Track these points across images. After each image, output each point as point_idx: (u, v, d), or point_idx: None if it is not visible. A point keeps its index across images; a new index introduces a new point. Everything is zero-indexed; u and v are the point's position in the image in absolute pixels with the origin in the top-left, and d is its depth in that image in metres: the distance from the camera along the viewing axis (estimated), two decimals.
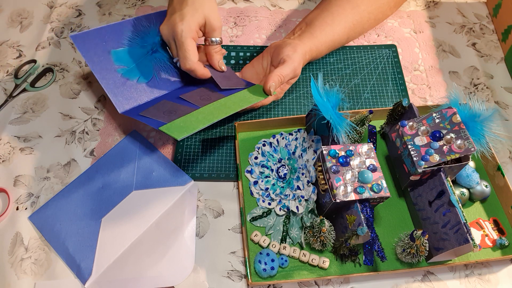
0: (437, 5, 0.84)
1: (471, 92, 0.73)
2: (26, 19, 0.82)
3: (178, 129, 0.53)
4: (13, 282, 0.56)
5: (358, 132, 0.60)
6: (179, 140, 0.51)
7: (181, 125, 0.54)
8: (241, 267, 0.58)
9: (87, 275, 0.56)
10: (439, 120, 0.55)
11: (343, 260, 0.56)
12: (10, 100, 0.72)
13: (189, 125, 0.54)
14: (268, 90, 0.60)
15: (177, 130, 0.53)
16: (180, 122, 0.54)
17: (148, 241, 0.58)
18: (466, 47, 0.78)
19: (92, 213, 0.60)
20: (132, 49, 0.63)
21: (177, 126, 0.54)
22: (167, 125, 0.54)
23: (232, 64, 0.75)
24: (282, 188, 0.60)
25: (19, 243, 0.59)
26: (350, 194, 0.51)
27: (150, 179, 0.63)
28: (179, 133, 0.52)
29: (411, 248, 0.52)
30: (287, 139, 0.65)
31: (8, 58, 0.77)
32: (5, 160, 0.66)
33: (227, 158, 0.65)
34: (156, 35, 0.62)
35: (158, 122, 0.55)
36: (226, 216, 0.61)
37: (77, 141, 0.68)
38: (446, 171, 0.54)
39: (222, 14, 0.82)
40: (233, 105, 0.58)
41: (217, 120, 0.54)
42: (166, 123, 0.54)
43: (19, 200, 0.63)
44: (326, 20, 0.69)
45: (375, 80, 0.73)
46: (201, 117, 0.56)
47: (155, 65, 0.64)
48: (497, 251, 0.57)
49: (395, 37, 0.79)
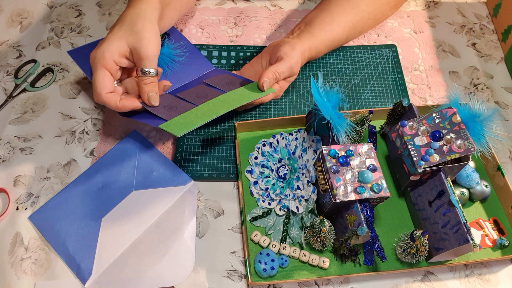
0: (437, 5, 0.84)
1: (471, 92, 0.73)
2: (26, 19, 0.82)
3: (178, 126, 0.53)
4: (13, 282, 0.56)
5: (358, 132, 0.60)
6: (178, 136, 0.52)
7: (180, 122, 0.54)
8: (241, 267, 0.58)
9: (87, 275, 0.56)
10: (439, 120, 0.55)
11: (343, 260, 0.56)
12: (10, 100, 0.72)
13: (188, 121, 0.54)
14: (262, 86, 0.60)
15: (177, 127, 0.53)
16: (179, 119, 0.55)
17: (148, 241, 0.58)
18: (466, 47, 0.78)
19: (92, 213, 0.60)
20: None
21: (176, 123, 0.54)
22: (166, 123, 0.54)
23: (232, 64, 0.75)
24: (282, 188, 0.60)
25: (19, 243, 0.59)
26: (350, 194, 0.51)
27: (150, 179, 0.63)
28: (179, 130, 0.52)
29: (411, 248, 0.52)
30: (287, 139, 0.65)
31: (8, 58, 0.77)
32: (5, 160, 0.66)
33: (227, 158, 0.65)
34: None
35: (157, 121, 0.55)
36: (226, 216, 0.61)
37: (77, 141, 0.68)
38: (446, 171, 0.54)
39: (222, 14, 0.82)
40: (232, 101, 0.58)
41: (217, 116, 0.55)
42: (165, 121, 0.54)
43: (19, 200, 0.63)
44: (326, 20, 0.69)
45: (375, 80, 0.73)
46: (200, 113, 0.56)
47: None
48: (497, 251, 0.57)
49: (395, 37, 0.79)
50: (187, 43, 0.71)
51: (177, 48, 0.68)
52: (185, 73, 0.68)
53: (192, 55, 0.70)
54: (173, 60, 0.67)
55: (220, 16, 0.82)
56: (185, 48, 0.70)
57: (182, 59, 0.68)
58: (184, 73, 0.67)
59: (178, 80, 0.67)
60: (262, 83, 0.60)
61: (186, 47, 0.70)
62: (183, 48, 0.69)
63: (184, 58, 0.68)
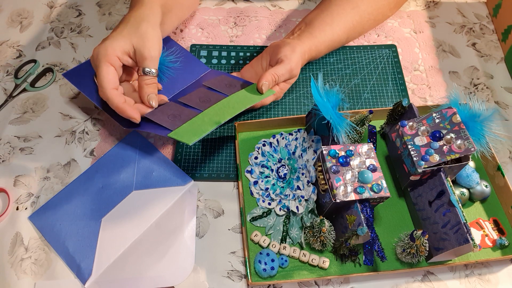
0: (437, 5, 0.84)
1: (471, 92, 0.73)
2: (26, 19, 0.82)
3: (187, 134, 0.53)
4: (13, 282, 0.56)
5: (358, 132, 0.60)
6: (190, 145, 0.52)
7: (189, 129, 0.54)
8: (241, 267, 0.58)
9: (87, 275, 0.56)
10: (439, 120, 0.55)
11: (343, 260, 0.56)
12: (10, 100, 0.72)
13: (197, 128, 0.54)
14: (260, 88, 0.60)
15: (187, 135, 0.53)
16: (187, 126, 0.55)
17: (148, 241, 0.58)
18: (466, 47, 0.78)
19: (92, 213, 0.60)
20: None
21: (186, 130, 0.54)
22: (175, 131, 0.54)
23: (232, 64, 0.75)
24: (282, 188, 0.60)
25: (19, 243, 0.59)
26: (350, 194, 0.51)
27: (150, 179, 0.63)
28: (189, 137, 0.52)
29: (411, 248, 0.52)
30: (287, 139, 0.65)
31: (8, 58, 0.77)
32: (5, 160, 0.66)
33: (227, 158, 0.65)
34: None
35: (163, 130, 0.55)
36: (226, 216, 0.61)
37: (77, 141, 0.68)
38: (446, 171, 0.54)
39: (222, 14, 0.82)
40: (236, 105, 0.58)
41: (225, 121, 0.55)
42: (172, 130, 0.54)
43: (19, 200, 0.63)
44: (326, 20, 0.69)
45: (375, 80, 0.73)
46: (207, 119, 0.56)
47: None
48: (497, 251, 0.57)
49: (395, 37, 0.79)
50: (179, 48, 0.71)
51: (170, 54, 0.67)
52: (182, 78, 0.68)
53: (186, 59, 0.70)
54: (168, 67, 0.66)
55: (220, 16, 0.82)
56: (179, 53, 0.69)
57: (177, 64, 0.67)
58: (181, 79, 0.67)
59: (175, 86, 0.67)
60: (261, 85, 0.60)
61: (179, 51, 0.70)
62: (176, 53, 0.68)
63: (179, 64, 0.68)
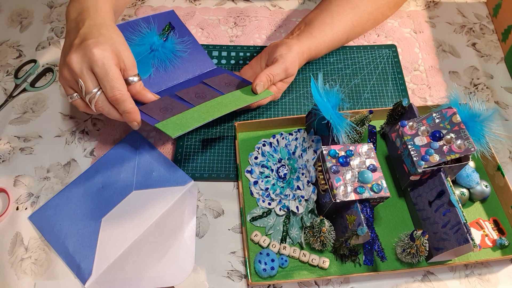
0: (437, 5, 0.84)
1: (471, 92, 0.73)
2: (26, 19, 0.82)
3: (173, 127, 0.53)
4: (13, 282, 0.56)
5: (358, 132, 0.60)
6: (173, 137, 0.52)
7: (176, 122, 0.54)
8: (241, 267, 0.58)
9: (87, 275, 0.56)
10: (439, 120, 0.55)
11: (343, 260, 0.56)
12: (10, 100, 0.72)
13: (184, 122, 0.54)
14: (255, 88, 0.60)
15: (172, 128, 0.53)
16: (175, 120, 0.55)
17: (148, 241, 0.58)
18: (466, 47, 0.78)
19: (92, 213, 0.60)
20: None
21: (172, 123, 0.54)
22: (163, 122, 0.54)
23: (232, 64, 0.75)
24: (282, 188, 0.60)
25: (19, 243, 0.59)
26: (350, 194, 0.51)
27: (150, 179, 0.63)
28: (174, 130, 0.52)
29: (411, 248, 0.52)
30: (287, 139, 0.65)
31: (8, 58, 0.77)
32: (5, 160, 0.66)
33: (227, 158, 0.65)
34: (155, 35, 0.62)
35: (153, 120, 0.55)
36: (226, 216, 0.61)
37: (77, 141, 0.68)
38: (446, 171, 0.54)
39: (222, 14, 0.82)
40: (229, 104, 0.58)
41: (213, 119, 0.54)
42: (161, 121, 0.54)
43: (19, 200, 0.63)
44: (326, 20, 0.68)
45: (375, 80, 0.73)
46: (196, 115, 0.56)
47: (153, 63, 0.64)
48: (497, 251, 0.57)
49: (395, 37, 0.79)
50: (191, 39, 0.70)
51: (180, 43, 0.67)
52: (186, 69, 0.67)
53: (195, 52, 0.69)
54: (175, 55, 0.66)
55: (220, 16, 0.82)
56: (189, 44, 0.68)
57: (185, 55, 0.67)
58: (185, 69, 0.67)
59: (178, 75, 0.66)
60: (255, 86, 0.60)
61: (190, 42, 0.69)
62: (187, 43, 0.68)
63: (187, 54, 0.67)
